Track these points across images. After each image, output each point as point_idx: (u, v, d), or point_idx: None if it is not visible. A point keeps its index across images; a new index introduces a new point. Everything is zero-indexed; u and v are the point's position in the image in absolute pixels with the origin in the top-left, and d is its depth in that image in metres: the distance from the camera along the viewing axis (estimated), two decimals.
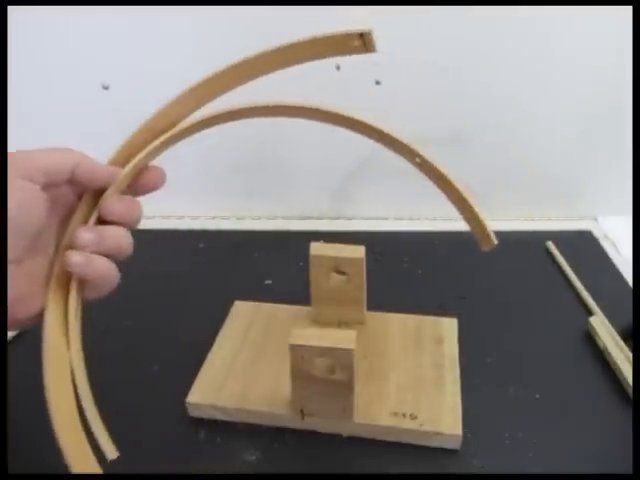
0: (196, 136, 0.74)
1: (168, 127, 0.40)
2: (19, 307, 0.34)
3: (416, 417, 0.46)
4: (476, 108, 0.71)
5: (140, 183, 0.40)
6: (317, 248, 0.53)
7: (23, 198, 0.32)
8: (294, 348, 0.43)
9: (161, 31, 0.68)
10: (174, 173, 0.58)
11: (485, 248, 0.43)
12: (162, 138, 0.40)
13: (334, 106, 0.42)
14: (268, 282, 0.66)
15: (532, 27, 0.65)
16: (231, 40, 0.68)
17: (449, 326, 0.56)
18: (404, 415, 0.47)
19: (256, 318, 0.58)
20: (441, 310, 0.60)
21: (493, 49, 0.67)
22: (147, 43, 0.69)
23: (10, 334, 0.58)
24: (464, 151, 0.74)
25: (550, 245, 0.71)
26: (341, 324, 0.56)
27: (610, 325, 0.56)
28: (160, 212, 0.80)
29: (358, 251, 0.52)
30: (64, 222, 0.37)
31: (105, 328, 0.61)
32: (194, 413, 0.49)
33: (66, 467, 0.36)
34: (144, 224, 0.87)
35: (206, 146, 0.76)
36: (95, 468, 0.36)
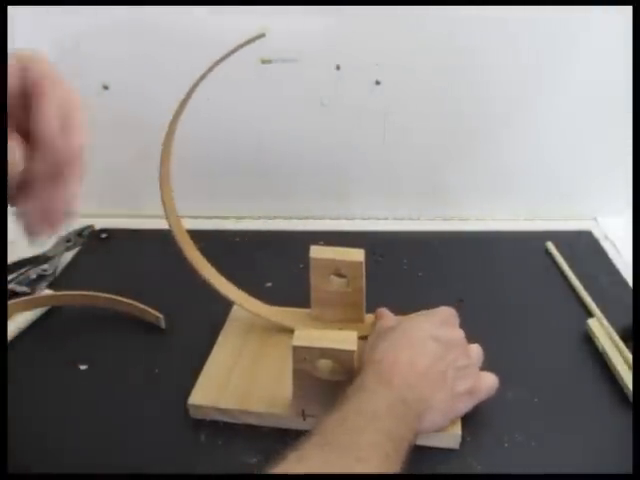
0: (196, 137, 0.75)
1: None
2: None
3: None
4: (476, 109, 0.71)
5: None
6: (317, 251, 0.53)
7: None
8: (297, 349, 0.43)
9: (161, 31, 0.68)
10: (174, 173, 0.58)
11: None
12: None
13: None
14: (268, 285, 0.66)
15: (533, 28, 0.65)
16: (230, 39, 0.68)
17: None
18: None
19: (256, 320, 0.57)
20: None
21: (494, 49, 0.67)
22: (147, 43, 0.69)
23: (10, 336, 0.58)
24: (464, 151, 0.75)
25: (550, 245, 0.71)
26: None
27: (609, 327, 0.56)
28: (160, 212, 0.79)
29: (358, 254, 0.52)
30: None
31: (106, 328, 0.61)
32: (195, 415, 0.49)
33: None
34: (144, 224, 0.87)
35: (206, 146, 0.76)
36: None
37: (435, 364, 0.44)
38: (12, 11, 0.60)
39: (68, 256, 0.74)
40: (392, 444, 0.37)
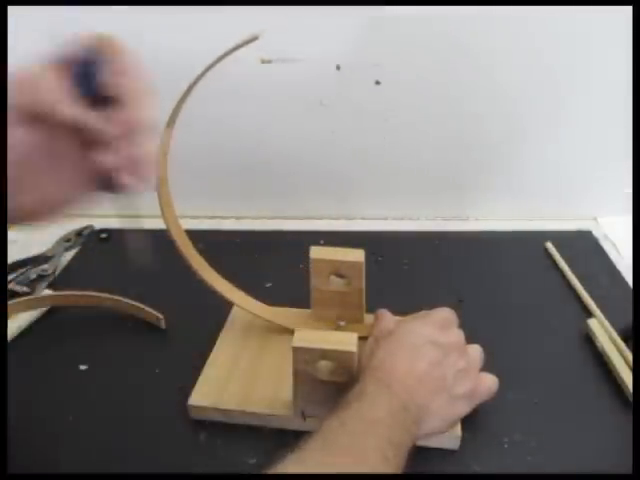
0: (196, 137, 0.75)
1: None
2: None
3: None
4: (476, 109, 0.71)
5: None
6: (317, 252, 0.52)
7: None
8: (297, 350, 0.43)
9: (161, 30, 0.67)
10: (174, 173, 0.58)
11: None
12: None
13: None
14: (268, 285, 0.66)
15: (533, 28, 0.65)
16: (228, 39, 0.68)
17: None
18: None
19: (256, 321, 0.57)
20: None
21: (493, 50, 0.67)
22: (147, 43, 0.68)
23: (10, 336, 0.58)
24: (464, 151, 0.75)
25: (549, 246, 0.71)
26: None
27: (609, 327, 0.56)
28: (160, 212, 0.79)
29: (358, 255, 0.52)
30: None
31: (106, 328, 0.61)
32: (195, 415, 0.49)
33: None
34: (144, 224, 0.86)
35: (206, 146, 0.76)
36: None
37: (433, 369, 0.43)
38: (12, 11, 0.60)
39: (68, 256, 0.74)
40: (392, 449, 0.37)
